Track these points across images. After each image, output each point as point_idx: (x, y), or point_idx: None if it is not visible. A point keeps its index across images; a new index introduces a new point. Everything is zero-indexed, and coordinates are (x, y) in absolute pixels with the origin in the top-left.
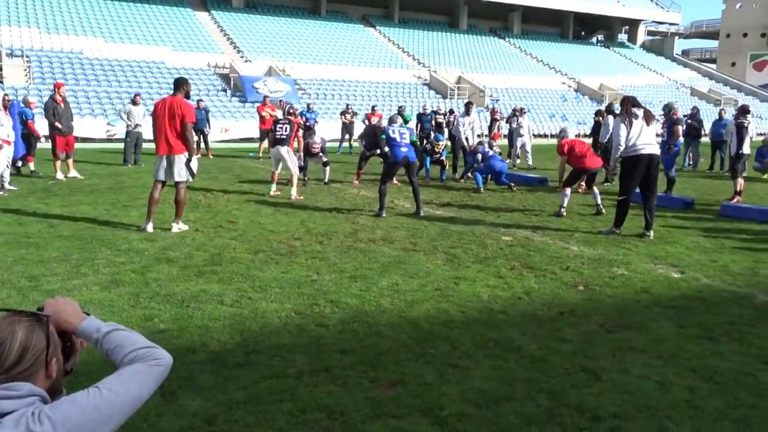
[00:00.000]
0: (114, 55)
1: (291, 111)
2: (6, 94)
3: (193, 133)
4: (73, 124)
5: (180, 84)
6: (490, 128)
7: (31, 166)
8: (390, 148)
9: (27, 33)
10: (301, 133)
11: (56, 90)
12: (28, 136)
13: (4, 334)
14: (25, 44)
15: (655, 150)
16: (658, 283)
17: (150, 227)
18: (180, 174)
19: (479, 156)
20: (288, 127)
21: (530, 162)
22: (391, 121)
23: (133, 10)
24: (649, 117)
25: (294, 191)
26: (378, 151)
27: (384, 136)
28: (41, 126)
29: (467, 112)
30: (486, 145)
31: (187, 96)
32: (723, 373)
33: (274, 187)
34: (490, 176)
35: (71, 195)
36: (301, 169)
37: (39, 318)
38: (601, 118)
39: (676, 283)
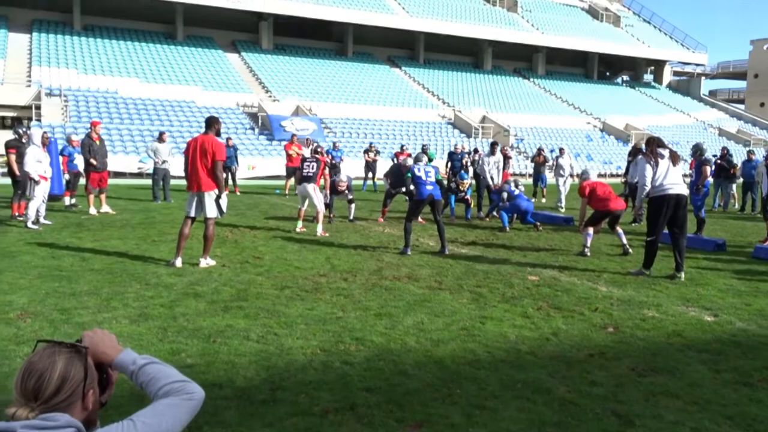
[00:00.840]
0: (147, 94)
1: (318, 149)
2: (45, 132)
3: (223, 171)
4: (107, 161)
5: (211, 123)
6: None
7: (68, 200)
8: (415, 186)
9: (65, 73)
10: (327, 171)
11: (93, 128)
12: (77, 174)
13: (45, 365)
14: (63, 84)
15: (683, 190)
16: (690, 326)
17: (179, 262)
18: (210, 210)
19: (505, 195)
20: (315, 165)
21: (562, 204)
22: (417, 159)
23: (167, 52)
24: (675, 157)
25: (320, 228)
26: (403, 189)
27: (410, 174)
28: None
29: (492, 152)
30: (512, 184)
31: (218, 134)
32: (762, 421)
33: (300, 224)
34: (515, 215)
35: (103, 230)
36: (327, 206)
37: (78, 349)
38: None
39: (709, 327)
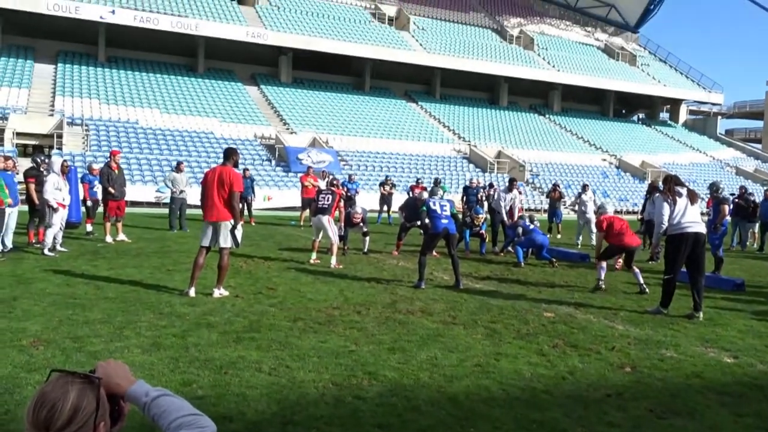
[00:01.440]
0: (167, 125)
1: (334, 182)
2: (65, 160)
3: (239, 202)
4: (125, 190)
5: (230, 154)
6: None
7: (89, 227)
8: (430, 219)
9: (88, 103)
10: (342, 203)
11: (112, 157)
12: (96, 201)
13: (57, 395)
14: (85, 114)
15: (701, 229)
16: (710, 368)
17: (192, 292)
18: (225, 241)
19: (520, 229)
20: (330, 197)
21: (580, 240)
22: (432, 193)
23: (188, 84)
24: (693, 196)
25: (334, 260)
26: (418, 223)
27: (425, 208)
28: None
29: (510, 189)
30: (527, 219)
31: (236, 165)
32: None
33: (314, 255)
34: (530, 250)
35: (118, 258)
36: (342, 238)
37: (91, 380)
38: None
39: (729, 368)
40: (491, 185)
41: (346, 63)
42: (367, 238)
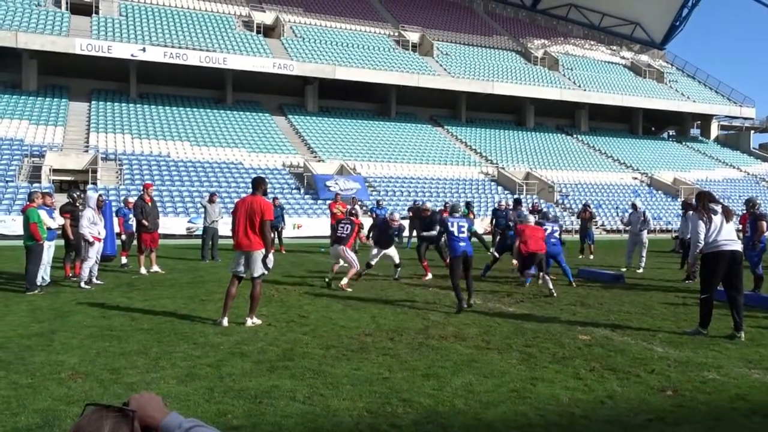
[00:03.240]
0: (198, 157)
1: (353, 212)
2: (101, 195)
3: (271, 230)
4: (158, 222)
5: (258, 184)
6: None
7: (123, 260)
8: (449, 241)
9: (121, 139)
10: (363, 232)
11: (145, 190)
12: (131, 234)
13: (92, 429)
14: (119, 149)
15: (737, 246)
16: (755, 390)
17: (225, 321)
18: (256, 270)
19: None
20: (349, 227)
21: (643, 266)
22: (453, 210)
23: (217, 116)
24: (728, 213)
25: (345, 280)
26: (434, 233)
27: (442, 229)
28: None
29: (514, 208)
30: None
31: (265, 194)
32: None
33: (329, 275)
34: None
35: (152, 289)
36: (369, 266)
37: (125, 413)
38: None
39: None
40: (518, 201)
41: (371, 90)
42: (399, 269)
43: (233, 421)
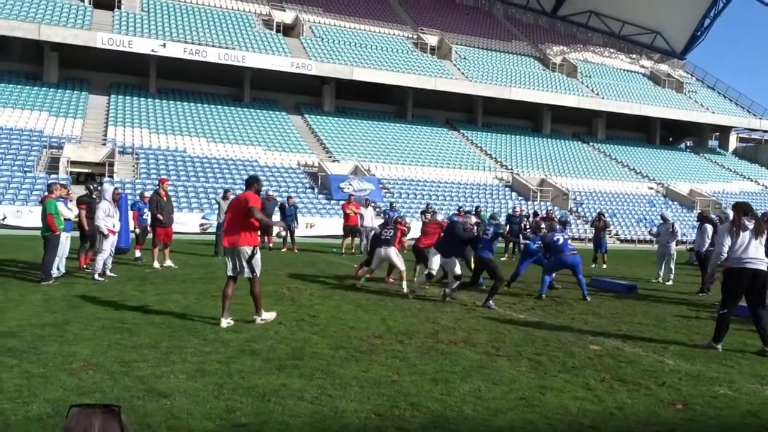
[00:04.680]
0: (214, 153)
1: (398, 219)
2: (116, 188)
3: (262, 217)
4: (173, 216)
5: (251, 182)
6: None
7: (138, 253)
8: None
9: (138, 133)
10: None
11: (161, 185)
12: (145, 228)
13: (83, 427)
14: (136, 143)
15: (762, 266)
16: (767, 407)
17: (224, 323)
18: (244, 271)
19: (541, 243)
20: (392, 231)
21: (672, 278)
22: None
23: (234, 113)
24: (759, 230)
25: (405, 285)
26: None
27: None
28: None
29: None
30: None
31: (258, 193)
32: None
33: (362, 281)
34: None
35: (165, 284)
36: (430, 277)
37: (111, 410)
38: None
39: None
40: (535, 213)
41: (388, 92)
42: (457, 283)
43: (241, 418)
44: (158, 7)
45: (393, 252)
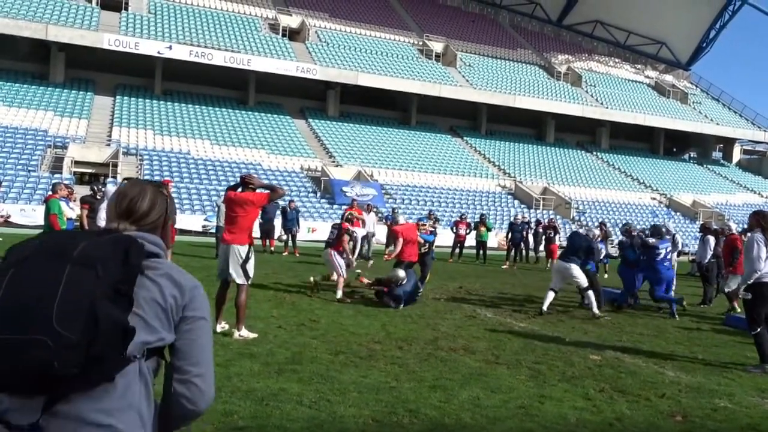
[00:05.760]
0: (217, 156)
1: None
2: None
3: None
4: (176, 218)
5: (247, 182)
6: (550, 240)
7: None
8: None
9: (143, 134)
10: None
11: (164, 186)
12: None
13: (136, 192)
14: (140, 144)
15: None
16: (767, 420)
17: (218, 327)
18: (238, 275)
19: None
20: (336, 232)
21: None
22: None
23: (238, 116)
24: None
25: (339, 293)
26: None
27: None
28: None
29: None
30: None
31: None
32: None
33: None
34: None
35: None
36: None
37: (160, 186)
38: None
39: None
40: (538, 222)
41: (392, 98)
42: (589, 295)
43: (239, 421)
44: (165, 9)
45: (331, 255)
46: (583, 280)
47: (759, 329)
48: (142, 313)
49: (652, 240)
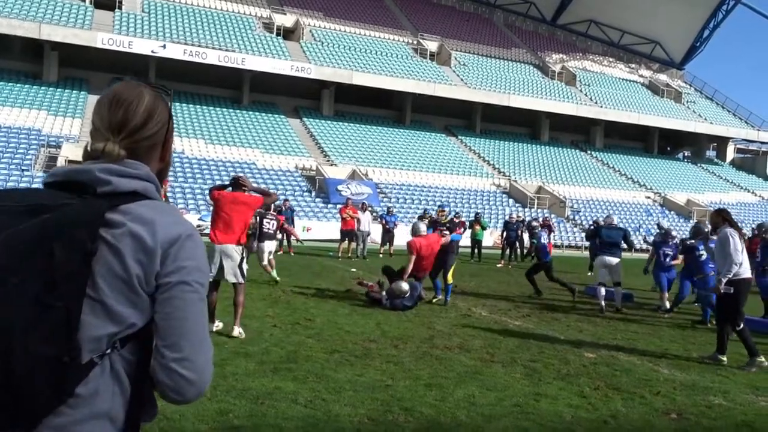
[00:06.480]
0: (212, 155)
1: (278, 208)
2: None
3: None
4: None
5: (241, 183)
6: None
7: None
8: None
9: None
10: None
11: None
12: None
13: (132, 95)
14: None
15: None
16: (761, 417)
17: (212, 327)
18: (236, 275)
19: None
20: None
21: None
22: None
23: (233, 115)
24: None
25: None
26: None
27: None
28: None
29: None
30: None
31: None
32: None
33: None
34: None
35: None
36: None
37: (164, 91)
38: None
39: None
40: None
41: (387, 97)
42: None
43: (234, 420)
44: (159, 8)
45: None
46: (621, 274)
47: (742, 325)
48: (101, 295)
49: (691, 241)
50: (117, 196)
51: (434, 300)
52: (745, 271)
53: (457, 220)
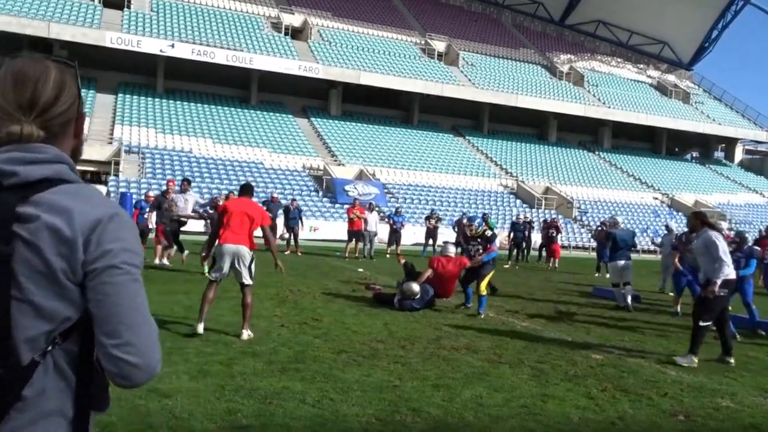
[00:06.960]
0: (219, 154)
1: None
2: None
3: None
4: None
5: (249, 189)
6: (551, 239)
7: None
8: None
9: (145, 132)
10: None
11: (168, 186)
12: (145, 228)
13: (38, 71)
14: (142, 142)
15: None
16: None
17: (200, 328)
18: (246, 277)
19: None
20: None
21: (665, 286)
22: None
23: (241, 115)
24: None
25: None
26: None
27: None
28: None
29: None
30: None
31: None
32: None
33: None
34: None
35: (169, 284)
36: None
37: (67, 64)
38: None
39: None
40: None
41: (394, 97)
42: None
43: (242, 420)
44: (167, 7)
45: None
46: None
47: (709, 323)
48: (28, 295)
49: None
50: (27, 186)
51: (460, 307)
52: (732, 271)
53: (489, 234)
